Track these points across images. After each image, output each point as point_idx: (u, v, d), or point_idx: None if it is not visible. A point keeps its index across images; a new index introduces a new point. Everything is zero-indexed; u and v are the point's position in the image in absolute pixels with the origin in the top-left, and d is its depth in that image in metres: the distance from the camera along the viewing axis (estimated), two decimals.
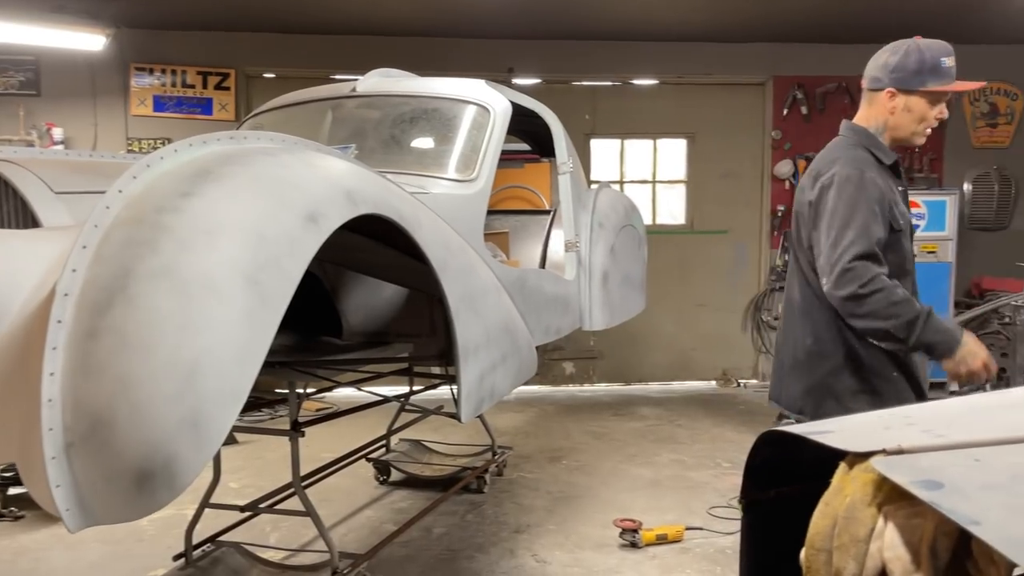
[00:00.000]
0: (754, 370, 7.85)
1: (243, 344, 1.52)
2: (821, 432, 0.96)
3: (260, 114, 4.32)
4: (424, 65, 4.96)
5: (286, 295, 1.61)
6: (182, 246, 1.50)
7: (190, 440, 1.45)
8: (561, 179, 4.49)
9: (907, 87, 2.62)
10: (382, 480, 5.00)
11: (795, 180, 7.53)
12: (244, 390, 1.53)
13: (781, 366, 2.88)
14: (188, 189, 1.59)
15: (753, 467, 1.20)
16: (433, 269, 2.32)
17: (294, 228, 1.67)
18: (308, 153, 1.98)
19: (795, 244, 2.74)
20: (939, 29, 6.88)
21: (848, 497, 0.80)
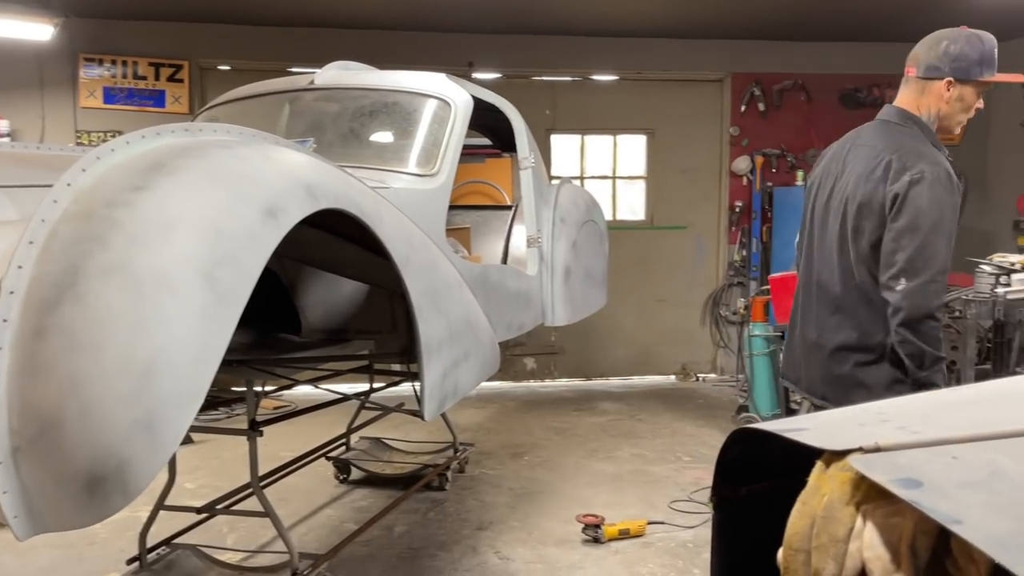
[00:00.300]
0: (713, 364, 7.92)
1: (200, 342, 1.46)
2: (795, 429, 0.94)
3: (215, 107, 4.22)
4: (383, 58, 4.90)
5: (244, 292, 1.56)
6: (135, 241, 1.45)
7: (144, 443, 1.39)
8: (523, 174, 4.46)
9: (966, 77, 2.59)
10: (342, 479, 4.94)
11: (752, 176, 7.61)
12: (201, 390, 1.48)
13: (800, 350, 2.83)
14: (140, 183, 1.53)
15: (723, 464, 1.18)
16: (395, 265, 2.28)
17: (252, 223, 1.62)
18: (266, 146, 1.93)
19: (841, 235, 2.62)
20: (892, 28, 7.03)
21: (826, 496, 0.79)
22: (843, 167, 2.69)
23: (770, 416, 5.77)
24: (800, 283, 2.88)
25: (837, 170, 2.72)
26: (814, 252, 2.76)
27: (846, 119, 7.67)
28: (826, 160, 2.86)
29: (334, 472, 4.95)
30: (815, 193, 2.82)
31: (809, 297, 2.78)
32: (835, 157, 2.78)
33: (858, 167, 2.60)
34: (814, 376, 2.75)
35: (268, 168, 1.77)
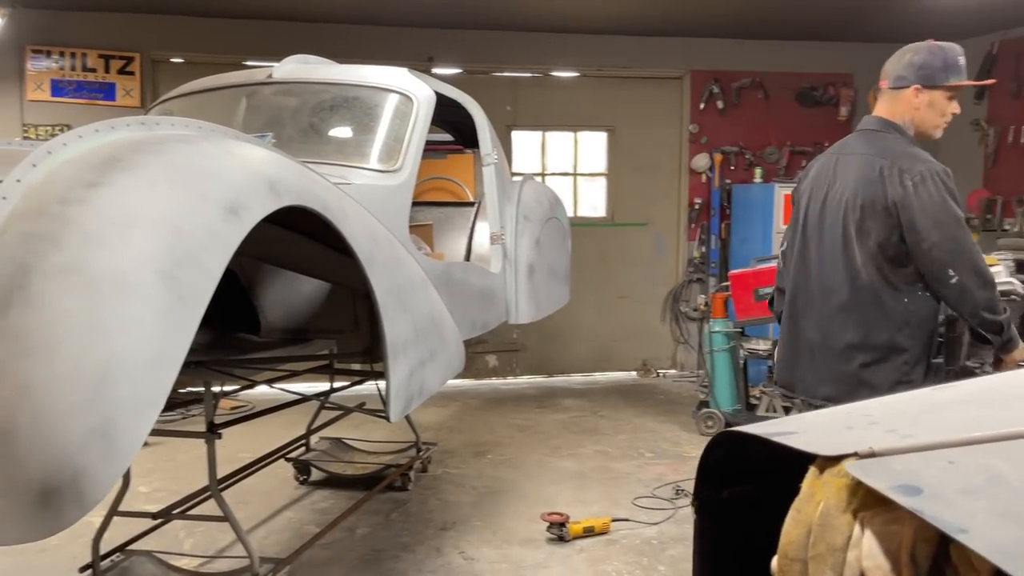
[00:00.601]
0: (673, 360, 7.97)
1: (159, 346, 1.40)
2: (783, 433, 0.93)
3: (169, 100, 4.11)
4: (341, 53, 4.81)
5: (206, 293, 1.50)
6: (90, 240, 1.38)
7: (101, 452, 1.33)
8: (486, 170, 4.42)
9: (932, 83, 2.77)
10: (302, 480, 4.85)
11: (711, 173, 7.66)
12: (161, 396, 1.41)
13: (798, 353, 2.92)
14: (95, 179, 1.46)
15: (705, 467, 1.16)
16: (360, 263, 2.23)
17: (213, 221, 1.56)
18: (226, 141, 1.86)
19: (844, 238, 2.74)
20: (847, 28, 7.13)
21: (821, 503, 0.77)
22: (834, 176, 2.83)
23: (730, 412, 5.81)
24: (794, 288, 2.97)
25: (829, 179, 2.85)
26: (811, 258, 2.87)
27: (803, 117, 7.80)
28: (814, 172, 2.98)
29: (294, 473, 4.86)
30: (806, 203, 2.93)
31: (808, 300, 2.88)
32: (823, 168, 2.91)
33: (853, 173, 2.76)
34: (817, 378, 2.84)
35: (229, 164, 1.71)
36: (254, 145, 1.97)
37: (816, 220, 2.87)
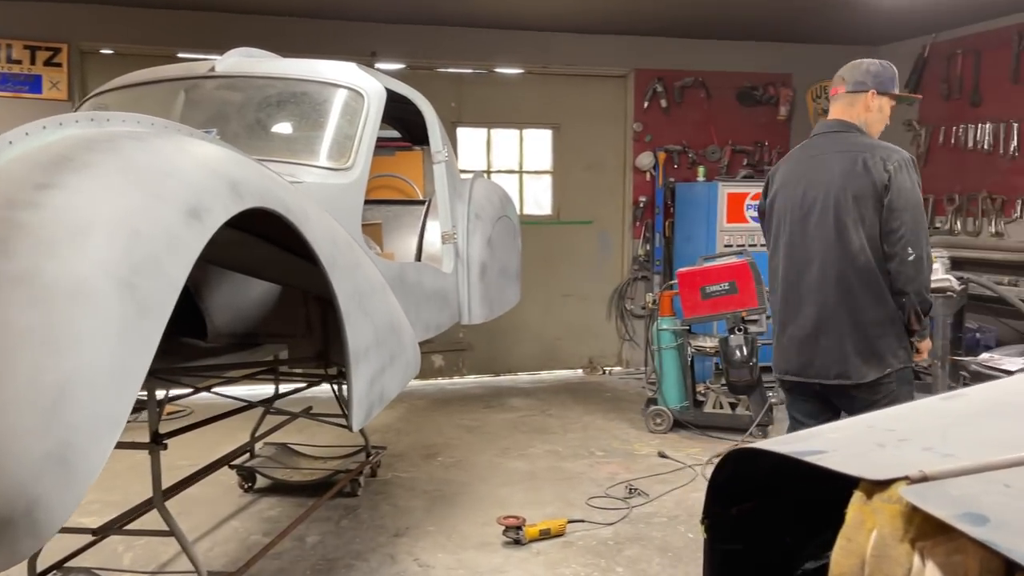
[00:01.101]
0: (618, 357, 7.99)
1: (119, 361, 1.30)
2: (814, 452, 0.88)
3: (103, 93, 3.91)
4: (281, 47, 4.63)
5: (168, 302, 1.40)
6: (42, 247, 1.26)
7: (58, 479, 1.22)
8: (436, 168, 4.34)
9: (885, 90, 3.17)
10: (247, 488, 4.69)
11: (655, 172, 7.70)
12: (122, 415, 1.31)
13: (804, 342, 3.16)
14: (45, 180, 1.34)
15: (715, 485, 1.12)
16: (322, 267, 2.13)
17: (174, 224, 1.46)
18: (181, 138, 1.75)
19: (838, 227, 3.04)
20: (788, 29, 7.25)
21: (874, 532, 0.73)
22: (809, 176, 3.14)
23: (678, 409, 5.84)
24: (786, 284, 3.23)
25: (802, 180, 3.16)
26: (799, 254, 3.16)
27: (744, 116, 7.90)
28: (781, 175, 3.29)
29: (238, 481, 4.70)
30: (782, 207, 3.23)
31: (807, 290, 3.14)
32: (791, 172, 3.23)
33: (836, 168, 3.07)
34: (828, 360, 3.11)
35: (187, 163, 1.60)
36: (210, 143, 1.85)
37: (799, 218, 3.15)
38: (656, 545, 3.95)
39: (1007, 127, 6.57)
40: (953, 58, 7.10)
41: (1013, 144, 6.51)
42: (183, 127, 1.84)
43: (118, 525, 3.37)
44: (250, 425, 4.66)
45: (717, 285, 5.60)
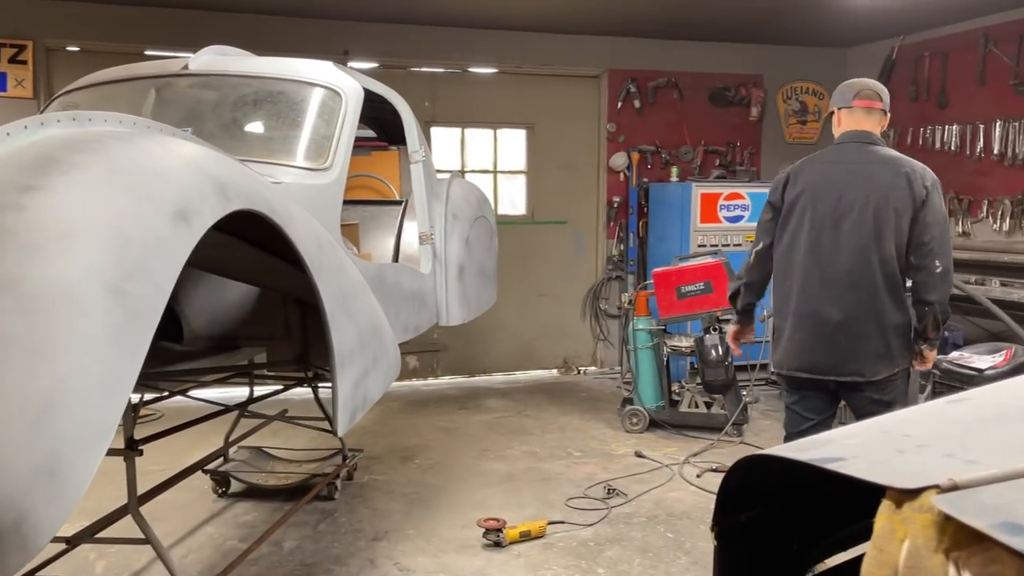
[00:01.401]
0: (593, 357, 8.00)
1: (109, 370, 1.25)
2: (834, 460, 0.87)
3: (73, 91, 3.83)
4: (252, 45, 4.56)
5: (157, 308, 1.36)
6: (28, 252, 1.22)
7: (46, 491, 1.17)
8: (413, 168, 4.30)
9: (887, 109, 3.45)
10: (221, 492, 4.62)
11: (629, 172, 7.72)
12: (111, 425, 1.27)
13: (821, 339, 3.30)
14: (30, 182, 1.29)
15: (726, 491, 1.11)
16: (307, 269, 2.10)
17: (163, 228, 1.42)
18: (166, 139, 1.71)
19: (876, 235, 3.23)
20: (760, 30, 7.30)
21: (906, 542, 0.72)
22: (848, 181, 3.28)
23: (654, 408, 5.86)
24: (806, 276, 3.33)
25: (841, 183, 3.29)
26: (826, 253, 3.28)
27: (716, 117, 7.95)
28: (808, 177, 3.38)
29: (212, 485, 4.63)
30: (812, 205, 3.32)
31: (830, 290, 3.27)
32: (823, 175, 3.34)
33: (880, 178, 3.26)
34: (845, 358, 3.27)
35: (175, 164, 1.56)
36: (194, 143, 1.81)
37: (831, 222, 3.28)
38: (636, 546, 3.95)
39: (973, 128, 6.69)
40: (921, 60, 7.21)
41: (979, 145, 6.62)
42: (165, 127, 1.79)
43: (91, 533, 3.29)
44: (222, 429, 4.59)
45: (692, 285, 5.63)
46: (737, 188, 7.14)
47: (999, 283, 5.75)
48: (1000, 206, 6.39)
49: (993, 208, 6.45)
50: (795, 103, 8.23)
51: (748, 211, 7.11)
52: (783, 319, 3.41)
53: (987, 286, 5.75)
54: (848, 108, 3.39)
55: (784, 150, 8.18)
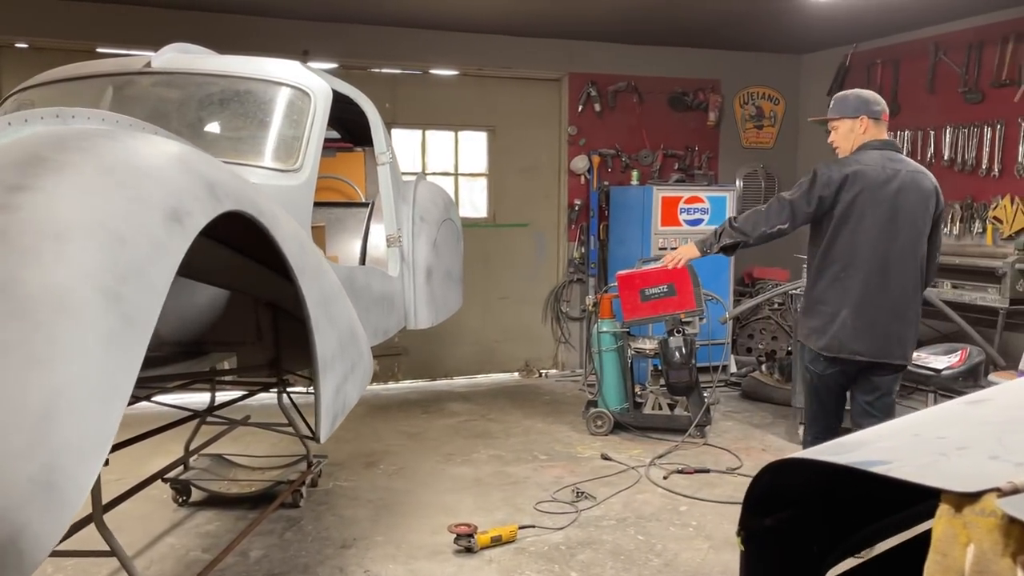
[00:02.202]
0: (554, 360, 8.01)
1: (107, 377, 1.20)
2: (879, 463, 0.87)
3: (28, 89, 3.70)
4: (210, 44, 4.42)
5: (153, 312, 1.31)
6: (20, 255, 1.16)
7: (43, 505, 1.11)
8: (380, 170, 4.26)
9: None
10: (181, 501, 4.50)
11: (590, 175, 7.75)
12: (109, 434, 1.21)
13: (874, 326, 3.68)
14: (19, 181, 1.23)
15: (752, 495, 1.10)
16: (292, 272, 2.05)
17: (156, 229, 1.36)
18: (152, 137, 1.64)
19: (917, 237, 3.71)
20: (718, 36, 7.40)
21: (971, 547, 0.72)
22: (899, 183, 3.66)
23: (619, 411, 5.88)
24: (869, 270, 3.68)
25: (894, 185, 3.65)
26: (881, 244, 3.66)
27: (675, 121, 8.03)
28: (866, 176, 3.66)
29: (172, 495, 4.50)
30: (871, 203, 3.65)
31: (885, 282, 3.67)
32: (879, 176, 3.66)
33: (922, 185, 3.71)
34: (893, 344, 3.70)
35: (165, 163, 1.51)
36: (179, 142, 1.75)
37: (886, 220, 3.65)
38: (608, 549, 3.95)
39: (924, 135, 6.86)
40: (873, 67, 7.38)
41: (930, 151, 6.80)
42: (148, 125, 1.73)
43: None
44: (179, 436, 4.46)
45: (656, 287, 5.65)
46: (697, 192, 7.21)
47: (951, 285, 5.91)
48: (950, 211, 6.56)
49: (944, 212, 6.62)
50: (752, 108, 8.35)
51: (708, 214, 7.19)
52: (839, 308, 3.73)
53: (939, 288, 5.90)
54: (876, 119, 3.77)
55: (741, 154, 8.31)
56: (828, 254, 3.77)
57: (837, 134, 3.87)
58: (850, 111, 3.81)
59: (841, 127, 3.84)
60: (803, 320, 3.96)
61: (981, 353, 5.11)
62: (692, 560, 3.84)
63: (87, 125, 1.52)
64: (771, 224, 3.85)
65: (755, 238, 3.93)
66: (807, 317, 3.90)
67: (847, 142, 3.85)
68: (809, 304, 3.90)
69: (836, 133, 3.88)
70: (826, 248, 3.77)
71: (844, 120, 3.83)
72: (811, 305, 3.87)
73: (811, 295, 3.88)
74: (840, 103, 3.87)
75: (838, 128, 3.86)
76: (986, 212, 6.40)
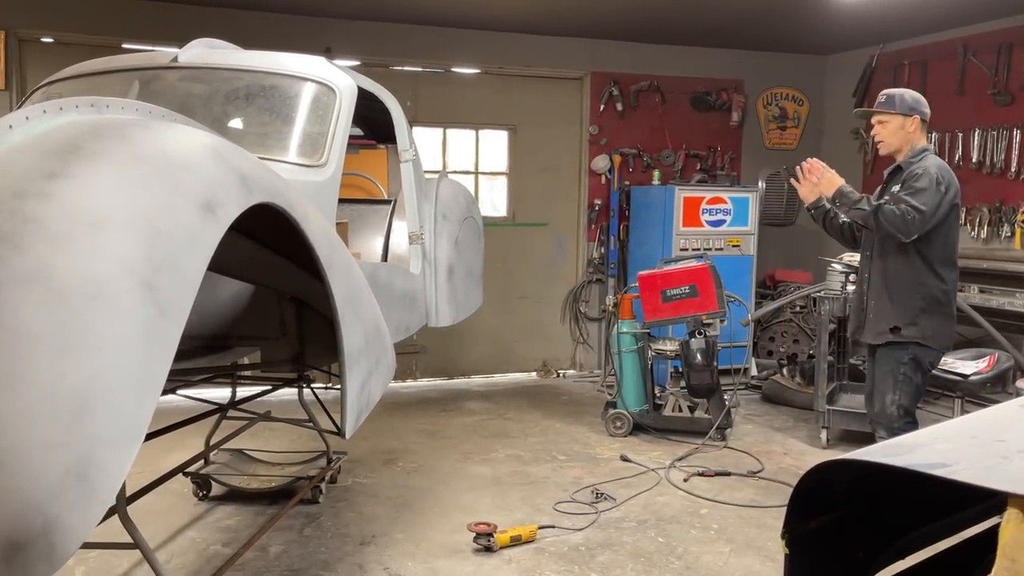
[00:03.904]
0: (572, 360, 7.98)
1: (141, 367, 1.19)
2: (939, 466, 0.84)
3: (56, 82, 3.71)
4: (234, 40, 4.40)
5: (187, 303, 1.30)
6: (56, 242, 1.15)
7: (76, 497, 1.10)
8: (403, 167, 4.25)
9: None
10: (202, 496, 4.51)
11: (610, 175, 7.72)
12: (142, 425, 1.20)
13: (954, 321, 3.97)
14: (55, 168, 1.22)
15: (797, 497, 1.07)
16: (321, 267, 2.03)
17: (191, 220, 1.35)
18: (185, 127, 1.64)
19: None
20: (741, 36, 7.34)
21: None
22: None
23: (638, 412, 5.85)
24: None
25: None
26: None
27: (697, 121, 7.98)
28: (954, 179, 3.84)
29: (192, 489, 4.51)
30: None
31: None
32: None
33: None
34: None
35: (199, 154, 1.50)
36: (211, 133, 1.74)
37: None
38: (628, 550, 3.92)
39: (951, 137, 6.78)
40: (900, 69, 7.30)
41: (958, 154, 6.72)
42: (179, 116, 1.72)
43: None
44: (201, 430, 4.48)
45: (678, 288, 5.62)
46: (720, 192, 7.16)
47: (978, 290, 5.83)
48: (978, 214, 6.48)
49: (971, 216, 6.54)
50: (775, 109, 8.29)
51: (730, 215, 7.14)
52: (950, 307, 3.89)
53: (966, 293, 5.83)
54: (924, 122, 3.88)
55: (764, 155, 8.24)
56: (950, 257, 3.87)
57: (886, 129, 3.83)
58: (906, 108, 3.78)
59: (892, 123, 3.81)
60: (925, 320, 3.83)
61: (1009, 359, 5.04)
62: (714, 563, 3.80)
63: (121, 115, 1.52)
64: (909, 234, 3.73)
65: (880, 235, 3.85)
66: (930, 316, 3.84)
67: (896, 139, 3.82)
68: (930, 304, 3.84)
69: (884, 128, 3.83)
70: (949, 251, 3.86)
71: (896, 116, 3.79)
72: (933, 305, 3.84)
73: (931, 295, 3.83)
74: (896, 99, 3.83)
75: (888, 124, 3.82)
76: (1015, 216, 6.31)
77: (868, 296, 4.04)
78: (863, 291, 4.10)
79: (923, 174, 3.74)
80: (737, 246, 7.16)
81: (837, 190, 3.89)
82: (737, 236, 7.15)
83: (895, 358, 3.91)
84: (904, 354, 3.89)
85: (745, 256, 7.19)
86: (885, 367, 3.96)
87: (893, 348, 3.91)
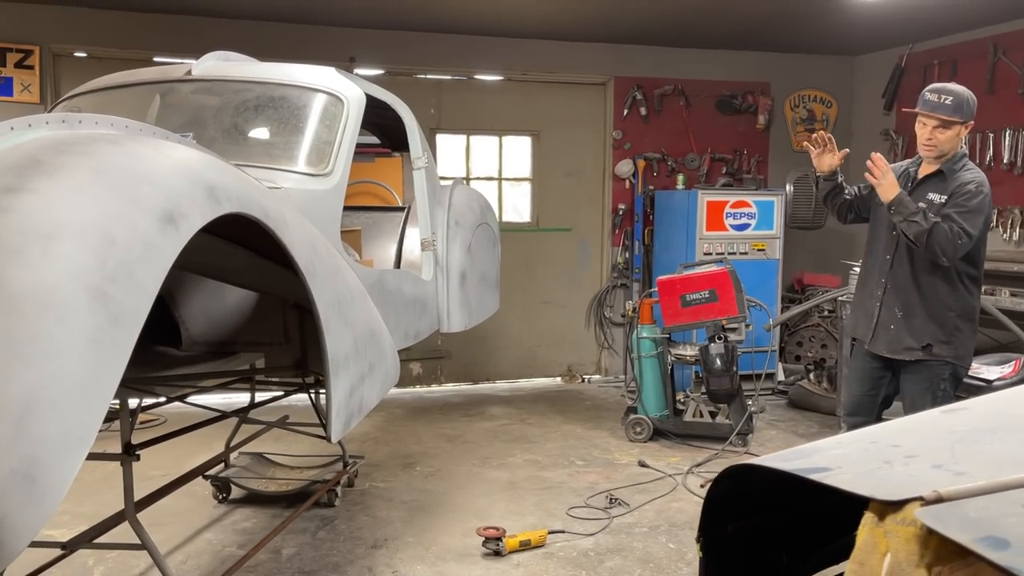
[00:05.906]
0: (597, 365, 7.97)
1: (90, 373, 1.24)
2: (819, 470, 0.85)
3: (77, 96, 3.84)
4: (259, 51, 4.57)
5: (141, 312, 1.34)
6: (9, 254, 1.20)
7: (23, 497, 1.16)
8: (416, 175, 4.30)
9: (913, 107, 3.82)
10: (221, 498, 4.60)
11: (635, 179, 7.70)
12: (91, 430, 1.25)
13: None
14: (14, 183, 1.28)
15: (711, 501, 1.08)
16: (301, 273, 2.08)
17: (149, 231, 1.40)
18: (157, 141, 1.69)
19: None
20: (767, 38, 7.28)
21: (888, 556, 0.69)
22: None
23: (658, 418, 5.82)
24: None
25: None
26: None
27: (722, 125, 7.93)
28: None
29: (212, 491, 4.61)
30: None
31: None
32: None
33: None
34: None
35: (163, 167, 1.55)
36: (187, 146, 1.80)
37: None
38: (637, 556, 3.92)
39: (983, 137, 6.63)
40: (930, 68, 7.17)
41: (988, 154, 6.57)
42: (159, 130, 1.78)
43: (88, 538, 3.28)
44: (224, 434, 4.59)
45: (697, 293, 5.59)
46: (744, 196, 7.10)
47: (1008, 293, 5.70)
48: (1010, 215, 6.34)
49: (1003, 218, 6.40)
50: (803, 111, 8.19)
51: (755, 219, 7.07)
52: (976, 321, 3.82)
53: (996, 296, 5.69)
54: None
55: (792, 158, 8.14)
56: (979, 270, 3.83)
57: (946, 134, 3.64)
58: (969, 116, 3.62)
59: (952, 129, 3.63)
60: (958, 339, 3.75)
61: None
62: None
63: (93, 130, 1.58)
64: (952, 259, 3.60)
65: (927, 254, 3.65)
66: (962, 334, 3.76)
67: (951, 144, 3.67)
68: (963, 321, 3.76)
69: (945, 133, 3.64)
70: (979, 264, 3.81)
71: (955, 123, 3.62)
72: (966, 322, 3.76)
73: (964, 312, 3.76)
74: (964, 104, 3.63)
75: (949, 129, 3.63)
76: None
77: (885, 305, 3.86)
78: (876, 296, 3.90)
79: (976, 192, 3.58)
80: (762, 250, 7.09)
81: (897, 197, 3.65)
82: (762, 240, 7.08)
83: (934, 374, 3.77)
84: (944, 370, 3.76)
85: (771, 260, 7.11)
86: (921, 384, 3.79)
87: (930, 364, 3.77)
